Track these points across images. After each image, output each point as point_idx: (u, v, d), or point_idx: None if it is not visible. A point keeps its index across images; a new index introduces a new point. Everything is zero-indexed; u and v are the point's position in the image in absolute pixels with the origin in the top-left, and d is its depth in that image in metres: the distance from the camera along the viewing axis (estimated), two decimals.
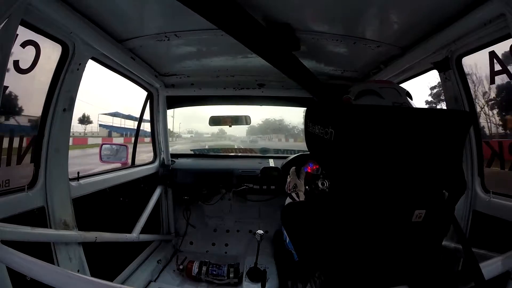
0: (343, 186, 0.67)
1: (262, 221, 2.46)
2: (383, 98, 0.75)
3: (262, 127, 23.36)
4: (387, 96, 0.75)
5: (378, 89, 0.77)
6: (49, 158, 1.10)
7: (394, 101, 0.74)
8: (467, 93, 1.11)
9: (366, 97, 0.78)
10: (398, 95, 0.76)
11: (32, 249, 0.88)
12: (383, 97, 0.75)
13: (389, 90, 0.77)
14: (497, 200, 1.02)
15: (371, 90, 0.77)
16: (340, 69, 1.72)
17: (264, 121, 21.74)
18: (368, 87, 0.79)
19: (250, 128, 25.00)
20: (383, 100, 0.75)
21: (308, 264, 0.89)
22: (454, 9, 0.92)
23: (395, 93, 0.76)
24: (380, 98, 0.75)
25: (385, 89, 0.77)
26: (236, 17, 0.87)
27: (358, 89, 0.81)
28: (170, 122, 14.36)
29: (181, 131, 26.61)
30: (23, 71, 0.97)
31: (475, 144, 1.11)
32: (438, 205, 0.67)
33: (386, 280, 0.69)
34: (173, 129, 24.44)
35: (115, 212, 1.61)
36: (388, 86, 0.79)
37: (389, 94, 0.76)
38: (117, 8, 1.03)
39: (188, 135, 23.97)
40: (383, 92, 0.76)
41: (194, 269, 1.91)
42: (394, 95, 0.76)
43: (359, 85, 0.83)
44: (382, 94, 0.75)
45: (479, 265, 0.65)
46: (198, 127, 7.72)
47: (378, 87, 0.78)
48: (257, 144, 17.17)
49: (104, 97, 68.78)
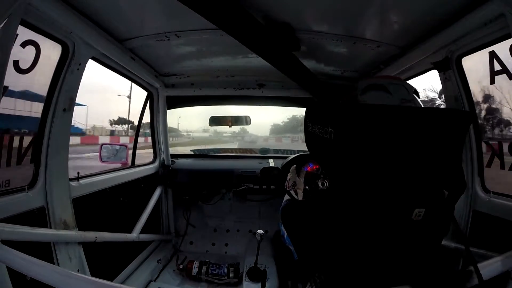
0: (343, 186, 0.67)
1: (262, 221, 2.46)
2: (391, 94, 0.74)
3: (288, 126, 20.27)
4: (396, 92, 0.74)
5: (387, 84, 0.75)
6: (49, 158, 1.10)
7: (402, 98, 0.73)
8: (467, 93, 1.11)
9: (373, 91, 0.76)
10: (406, 92, 0.75)
11: (32, 249, 0.88)
12: (392, 93, 0.74)
13: (398, 86, 0.76)
14: (497, 200, 1.02)
15: (380, 85, 0.76)
16: (340, 69, 1.72)
17: (291, 119, 18.84)
18: (376, 82, 0.78)
19: (274, 127, 22.57)
20: (391, 96, 0.73)
21: (308, 263, 0.89)
22: (454, 9, 0.92)
23: (403, 90, 0.75)
24: (388, 94, 0.74)
25: (394, 85, 0.76)
26: (236, 17, 0.87)
27: (366, 83, 0.79)
28: (178, 120, 13.17)
29: (195, 129, 24.47)
30: (23, 71, 0.97)
31: (475, 144, 1.11)
32: (437, 204, 0.67)
33: (385, 279, 0.69)
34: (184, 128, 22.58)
35: (115, 212, 1.61)
36: (397, 82, 0.78)
37: (398, 91, 0.74)
38: (118, 8, 1.03)
39: (206, 134, 22.40)
40: (391, 88, 0.75)
41: (194, 269, 1.91)
42: (402, 92, 0.75)
43: (367, 79, 0.82)
44: (390, 90, 0.74)
45: (477, 265, 0.65)
46: (217, 126, 6.94)
47: (387, 82, 0.76)
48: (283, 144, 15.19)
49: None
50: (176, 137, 16.92)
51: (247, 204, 2.45)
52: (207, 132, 22.12)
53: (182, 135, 21.91)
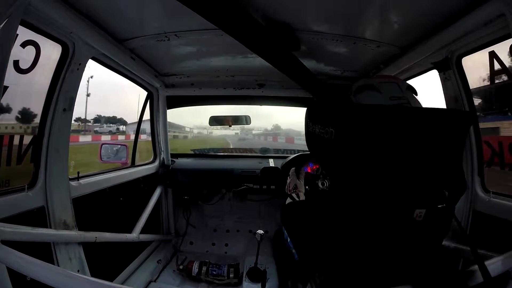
0: (343, 186, 0.67)
1: (262, 221, 2.46)
2: (380, 92, 0.75)
3: None
4: (385, 90, 0.75)
5: (377, 84, 0.76)
6: (49, 158, 1.10)
7: (391, 95, 0.73)
8: (467, 93, 1.11)
9: (364, 92, 0.77)
10: (398, 90, 0.75)
11: (32, 249, 0.88)
12: (381, 91, 0.75)
13: (389, 84, 0.76)
14: (497, 200, 1.03)
15: (370, 85, 0.77)
16: (340, 69, 1.72)
17: None
18: (367, 82, 0.79)
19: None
20: (380, 95, 0.74)
21: (309, 263, 0.89)
22: (454, 9, 0.92)
23: (395, 88, 0.76)
24: (378, 93, 0.75)
25: (384, 84, 0.76)
26: (236, 17, 0.87)
27: (357, 84, 0.81)
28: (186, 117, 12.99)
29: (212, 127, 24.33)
30: (23, 71, 0.97)
31: (475, 144, 1.11)
32: (438, 205, 0.67)
33: (386, 280, 0.69)
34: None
35: (115, 212, 1.61)
36: (389, 81, 0.78)
37: (388, 89, 0.75)
38: (117, 8, 1.03)
39: (233, 131, 22.13)
40: (381, 87, 0.76)
41: (194, 269, 1.91)
42: (393, 90, 0.75)
43: (360, 80, 0.83)
44: (380, 89, 0.75)
45: (484, 263, 0.64)
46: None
47: (377, 82, 0.77)
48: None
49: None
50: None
51: (247, 204, 2.45)
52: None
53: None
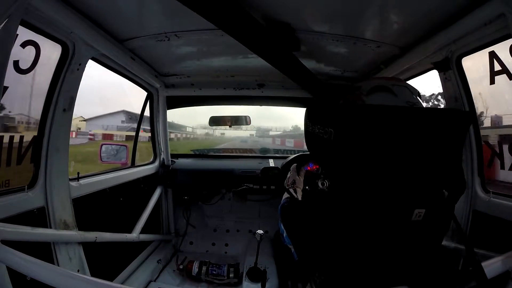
0: (343, 186, 0.67)
1: (262, 221, 2.46)
2: (396, 96, 0.74)
3: None
4: (401, 94, 0.74)
5: (391, 86, 0.76)
6: (49, 158, 1.10)
7: (407, 100, 0.73)
8: (467, 93, 1.11)
9: (379, 93, 0.76)
10: (410, 94, 0.76)
11: (32, 249, 0.88)
12: (397, 95, 0.74)
13: (402, 88, 0.76)
14: (497, 200, 1.02)
15: (385, 87, 0.76)
16: (340, 69, 1.72)
17: None
18: (381, 84, 0.78)
19: None
20: (397, 98, 0.74)
21: (308, 263, 0.89)
22: (454, 9, 0.92)
23: (407, 92, 0.76)
24: (394, 96, 0.74)
25: (397, 87, 0.76)
26: (236, 17, 0.87)
27: (370, 84, 0.79)
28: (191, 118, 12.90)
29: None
30: (23, 71, 0.97)
31: (475, 144, 1.11)
32: (437, 205, 0.67)
33: (385, 279, 0.69)
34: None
35: (115, 212, 1.61)
36: (400, 84, 0.78)
37: (403, 93, 0.75)
38: (117, 8, 1.03)
39: (248, 132, 22.22)
40: (396, 90, 0.75)
41: (194, 269, 1.91)
42: (407, 94, 0.75)
43: (371, 81, 0.82)
44: (395, 92, 0.75)
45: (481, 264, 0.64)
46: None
47: (391, 84, 0.77)
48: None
49: None
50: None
51: (247, 204, 2.45)
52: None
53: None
